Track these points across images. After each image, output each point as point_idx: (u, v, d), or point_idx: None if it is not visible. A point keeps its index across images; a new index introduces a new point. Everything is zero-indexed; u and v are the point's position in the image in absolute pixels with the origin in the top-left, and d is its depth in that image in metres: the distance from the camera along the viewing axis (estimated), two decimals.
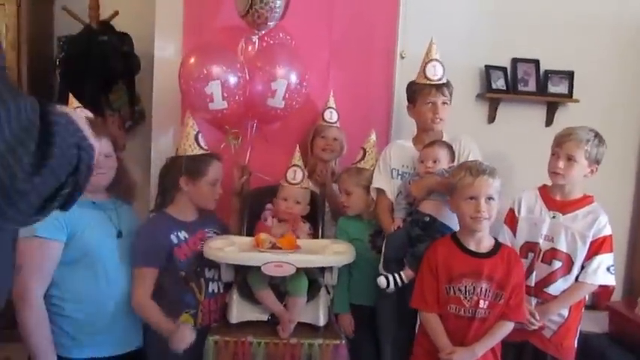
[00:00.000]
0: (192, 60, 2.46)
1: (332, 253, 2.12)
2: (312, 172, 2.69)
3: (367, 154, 2.50)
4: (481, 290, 2.00)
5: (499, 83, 3.16)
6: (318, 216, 2.44)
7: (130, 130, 3.25)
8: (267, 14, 2.40)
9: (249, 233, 2.34)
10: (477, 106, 3.22)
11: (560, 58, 3.19)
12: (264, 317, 2.15)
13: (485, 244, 2.06)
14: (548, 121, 3.22)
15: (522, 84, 3.19)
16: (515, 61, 3.20)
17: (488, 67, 3.16)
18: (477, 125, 3.16)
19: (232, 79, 2.43)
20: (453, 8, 3.11)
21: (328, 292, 2.28)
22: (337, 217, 2.56)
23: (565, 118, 3.14)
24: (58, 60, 3.12)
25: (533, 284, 2.22)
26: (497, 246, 2.08)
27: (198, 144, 2.27)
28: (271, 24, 2.47)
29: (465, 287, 2.01)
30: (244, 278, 2.12)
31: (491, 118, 3.21)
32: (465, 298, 2.01)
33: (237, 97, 2.45)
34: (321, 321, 2.14)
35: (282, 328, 2.07)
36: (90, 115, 2.24)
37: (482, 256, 2.04)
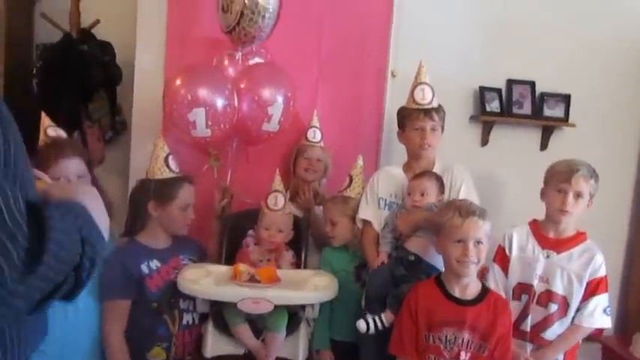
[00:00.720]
0: (177, 82, 2.33)
1: (313, 288, 2.02)
2: (294, 194, 2.58)
3: (354, 181, 2.39)
4: (462, 341, 1.86)
5: (493, 105, 3.08)
6: (301, 242, 2.34)
7: (111, 141, 3.14)
8: (255, 33, 2.30)
9: (229, 258, 2.25)
10: (470, 128, 3.14)
11: (556, 81, 3.10)
12: (241, 351, 2.05)
13: (472, 290, 1.93)
14: (543, 146, 3.14)
15: (517, 106, 3.11)
16: (510, 83, 3.11)
17: (482, 89, 3.07)
18: (469, 148, 3.08)
19: (219, 106, 2.30)
20: (446, 27, 3.01)
21: (309, 325, 2.18)
22: (319, 245, 2.45)
23: (560, 142, 3.08)
24: (35, 69, 3.00)
25: (528, 329, 2.09)
26: (484, 292, 1.95)
27: (168, 167, 2.15)
28: (257, 42, 2.37)
29: (446, 337, 1.87)
30: (220, 310, 2.02)
31: (485, 141, 3.12)
32: (445, 348, 1.88)
33: (222, 126, 2.33)
34: (301, 357, 2.07)
35: None
36: (63, 134, 2.16)
37: (467, 304, 1.90)
